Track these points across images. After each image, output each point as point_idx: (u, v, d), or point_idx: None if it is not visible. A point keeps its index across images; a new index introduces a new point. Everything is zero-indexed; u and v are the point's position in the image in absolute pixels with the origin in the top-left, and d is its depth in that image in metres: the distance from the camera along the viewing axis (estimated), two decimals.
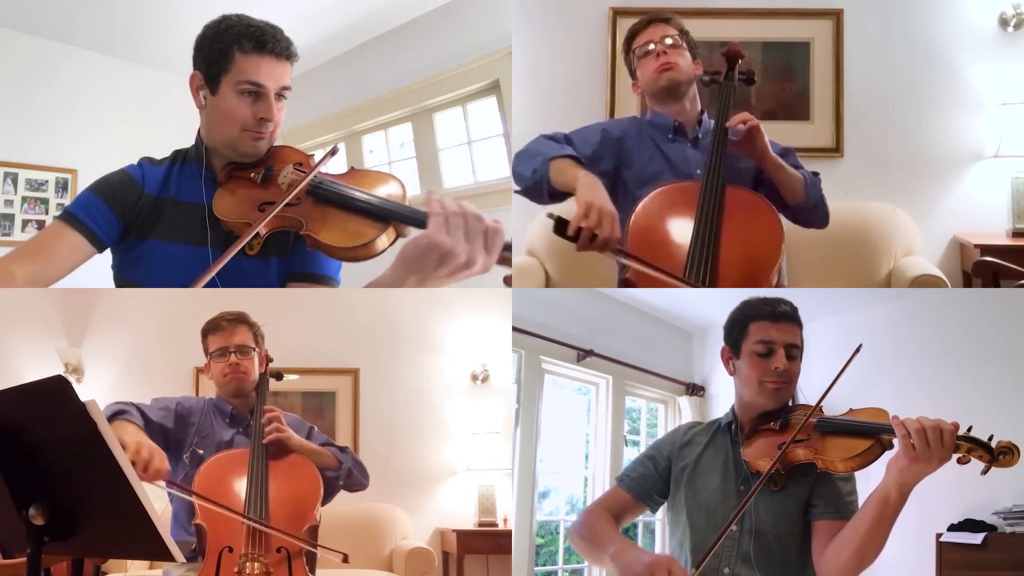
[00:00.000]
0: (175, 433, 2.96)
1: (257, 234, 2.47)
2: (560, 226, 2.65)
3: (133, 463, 2.42)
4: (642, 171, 3.24)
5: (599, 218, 2.67)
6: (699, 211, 2.97)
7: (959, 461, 2.09)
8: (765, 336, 2.42)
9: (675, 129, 3.28)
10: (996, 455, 2.08)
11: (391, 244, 2.41)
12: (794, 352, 2.43)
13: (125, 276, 2.64)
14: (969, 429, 2.10)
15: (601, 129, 3.32)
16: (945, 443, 2.05)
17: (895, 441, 2.13)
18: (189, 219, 2.59)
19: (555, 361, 5.09)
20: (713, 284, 2.88)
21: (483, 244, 2.19)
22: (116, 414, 2.74)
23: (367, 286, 2.33)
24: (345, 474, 3.01)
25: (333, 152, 2.63)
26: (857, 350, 2.31)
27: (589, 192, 2.77)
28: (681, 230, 2.97)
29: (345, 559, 2.82)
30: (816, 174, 3.26)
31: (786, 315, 2.44)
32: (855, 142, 4.89)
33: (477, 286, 5.77)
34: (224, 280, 2.53)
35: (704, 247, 2.90)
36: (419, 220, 2.28)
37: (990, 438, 2.09)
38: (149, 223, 2.59)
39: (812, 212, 3.22)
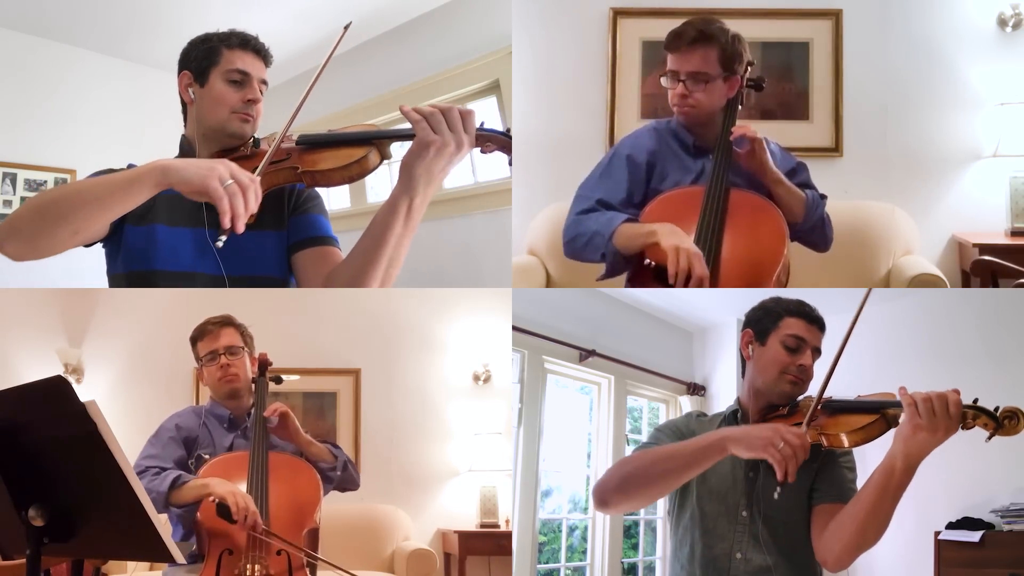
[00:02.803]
0: (184, 455, 3.01)
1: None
2: (659, 273, 2.80)
3: (236, 517, 2.66)
4: (664, 181, 3.21)
5: (688, 259, 2.79)
6: (702, 213, 2.99)
7: (963, 426, 2.11)
8: (798, 332, 2.49)
9: (695, 147, 3.23)
10: (1001, 421, 2.11)
11: (380, 163, 2.56)
12: (815, 355, 2.51)
13: (118, 270, 2.67)
14: (975, 401, 2.13)
15: (625, 157, 3.21)
16: (951, 413, 2.06)
17: (900, 418, 2.15)
18: (182, 204, 2.67)
19: (558, 361, 5.11)
20: (715, 285, 2.89)
21: (463, 128, 2.39)
22: (175, 480, 2.79)
23: (381, 209, 2.45)
24: (341, 466, 3.03)
25: (347, 27, 2.79)
26: (868, 294, 2.34)
27: (672, 237, 2.86)
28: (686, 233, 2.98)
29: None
30: (823, 197, 3.23)
31: (819, 320, 2.53)
32: (854, 142, 4.89)
33: (479, 287, 5.78)
34: (223, 256, 2.61)
35: (706, 249, 2.92)
36: (402, 135, 2.47)
37: (996, 408, 2.12)
38: (144, 208, 2.64)
39: (809, 234, 3.19)
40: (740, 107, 3.24)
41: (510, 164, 2.60)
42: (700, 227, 2.97)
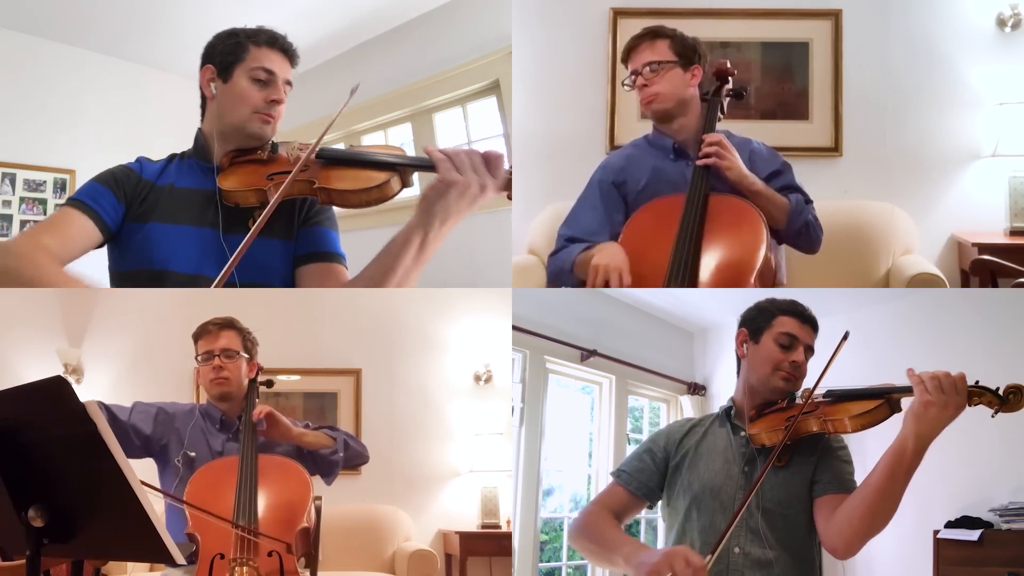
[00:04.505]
0: (157, 438, 3.00)
1: (263, 207, 2.56)
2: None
3: None
4: (641, 196, 3.30)
5: (605, 273, 3.00)
6: (681, 220, 3.06)
7: (969, 404, 2.17)
8: (792, 330, 2.55)
9: (675, 150, 3.31)
10: (1005, 397, 2.18)
11: (400, 191, 2.55)
12: (808, 353, 2.57)
13: (124, 267, 2.67)
14: (976, 382, 2.19)
15: (597, 184, 3.40)
16: (959, 388, 2.13)
17: (903, 403, 2.22)
18: (189, 202, 2.68)
19: (559, 361, 5.12)
20: (693, 287, 2.98)
21: (488, 171, 2.40)
22: None
23: (394, 239, 2.45)
24: (342, 446, 3.04)
25: (353, 90, 2.71)
26: (845, 337, 2.40)
27: (599, 256, 3.06)
28: (666, 240, 3.06)
29: (288, 549, 2.81)
30: (809, 202, 3.27)
31: (812, 320, 2.60)
32: (854, 142, 4.89)
33: (479, 287, 5.79)
34: (227, 259, 2.59)
35: (684, 255, 3.00)
36: (425, 165, 2.45)
37: (996, 389, 2.18)
38: (147, 208, 2.66)
39: (795, 239, 3.26)
40: (722, 116, 3.32)
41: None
42: (679, 233, 3.04)
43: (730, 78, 3.37)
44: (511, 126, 5.00)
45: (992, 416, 2.20)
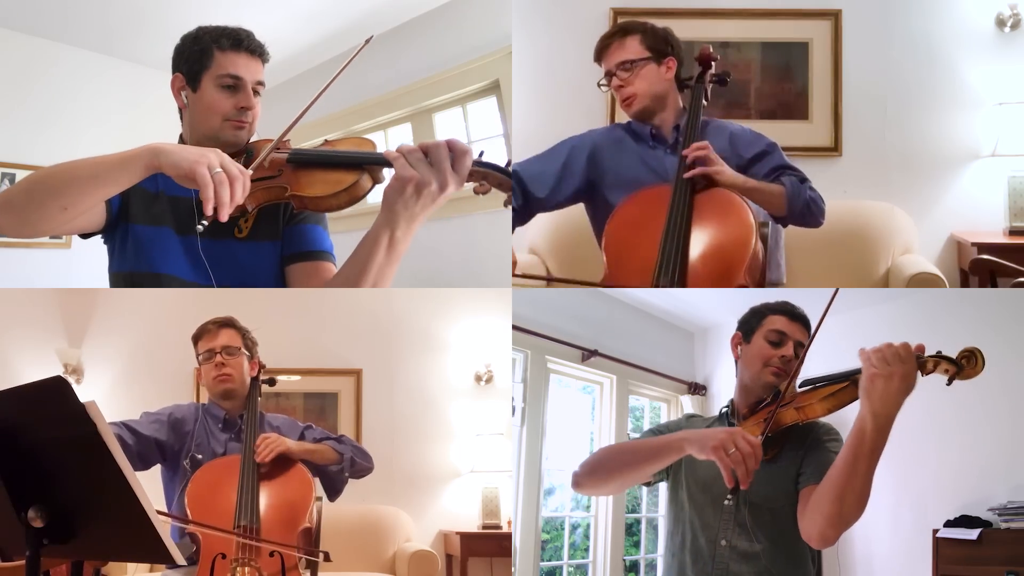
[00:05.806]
0: (171, 444, 3.00)
1: (245, 214, 2.57)
2: None
3: None
4: (620, 178, 3.30)
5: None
6: (669, 213, 3.04)
7: (924, 372, 2.15)
8: (781, 328, 2.59)
9: (653, 136, 3.32)
10: (959, 363, 2.16)
11: (371, 188, 2.52)
12: (799, 350, 2.57)
13: (115, 268, 2.69)
14: (938, 352, 2.18)
15: (569, 147, 3.40)
16: (903, 356, 2.08)
17: None
18: (176, 209, 2.67)
19: (560, 361, 5.12)
20: (682, 284, 2.96)
21: (450, 166, 2.31)
22: None
23: (364, 239, 2.42)
24: (348, 464, 3.04)
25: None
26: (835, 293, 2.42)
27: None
28: (653, 234, 3.04)
29: (326, 557, 2.83)
30: (804, 180, 3.25)
31: (801, 317, 2.63)
32: (853, 141, 4.90)
33: (479, 287, 5.77)
34: (218, 266, 2.62)
35: (673, 249, 2.98)
36: (385, 161, 2.41)
37: (952, 356, 2.17)
38: (138, 209, 2.65)
39: (800, 220, 3.24)
40: (706, 102, 3.33)
41: (506, 205, 2.51)
42: (667, 227, 3.02)
43: (713, 63, 3.38)
44: (511, 126, 5.00)
45: (947, 384, 2.17)
